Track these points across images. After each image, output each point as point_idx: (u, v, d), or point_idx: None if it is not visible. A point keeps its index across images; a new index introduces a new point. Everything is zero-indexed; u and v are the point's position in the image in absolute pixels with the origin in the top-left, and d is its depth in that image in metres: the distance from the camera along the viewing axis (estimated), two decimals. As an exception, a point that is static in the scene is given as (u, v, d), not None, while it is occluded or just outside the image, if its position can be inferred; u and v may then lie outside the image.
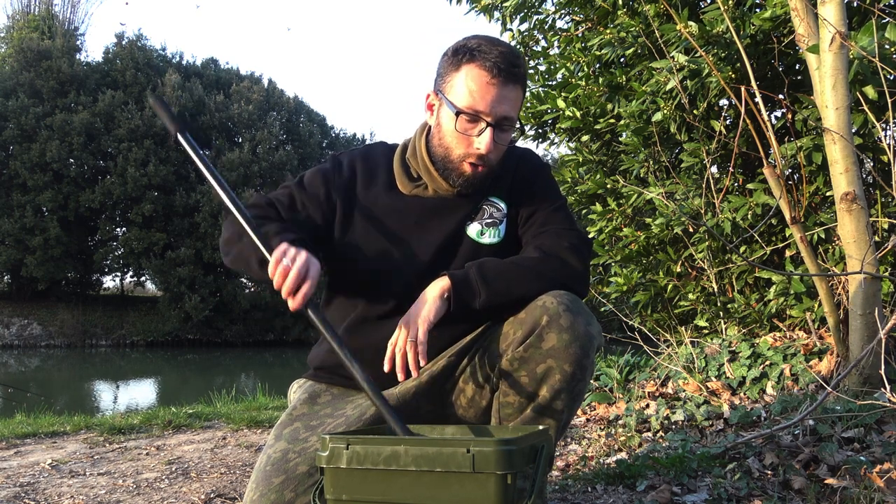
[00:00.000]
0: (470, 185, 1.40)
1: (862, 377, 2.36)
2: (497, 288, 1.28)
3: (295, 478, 1.28)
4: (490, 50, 1.33)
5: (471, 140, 1.35)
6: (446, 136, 1.38)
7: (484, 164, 1.37)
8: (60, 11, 28.64)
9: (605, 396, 3.07)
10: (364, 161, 1.50)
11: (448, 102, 1.35)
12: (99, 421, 3.45)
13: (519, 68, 1.35)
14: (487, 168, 1.39)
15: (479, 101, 1.32)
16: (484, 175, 1.40)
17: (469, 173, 1.38)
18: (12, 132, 22.59)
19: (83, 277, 25.41)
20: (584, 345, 1.23)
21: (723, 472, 1.84)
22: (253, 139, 25.03)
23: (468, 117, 1.33)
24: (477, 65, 1.32)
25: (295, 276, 1.19)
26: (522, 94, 1.40)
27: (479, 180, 1.40)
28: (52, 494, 2.07)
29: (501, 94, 1.32)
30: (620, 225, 3.74)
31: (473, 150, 1.35)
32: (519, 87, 1.37)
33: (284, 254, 1.21)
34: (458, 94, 1.34)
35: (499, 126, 1.35)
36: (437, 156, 1.41)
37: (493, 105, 1.32)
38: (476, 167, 1.38)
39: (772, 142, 2.56)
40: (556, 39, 4.07)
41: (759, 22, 2.79)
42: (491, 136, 1.33)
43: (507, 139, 1.39)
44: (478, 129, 1.34)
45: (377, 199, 1.45)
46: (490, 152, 1.35)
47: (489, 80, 1.32)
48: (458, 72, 1.34)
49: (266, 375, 13.35)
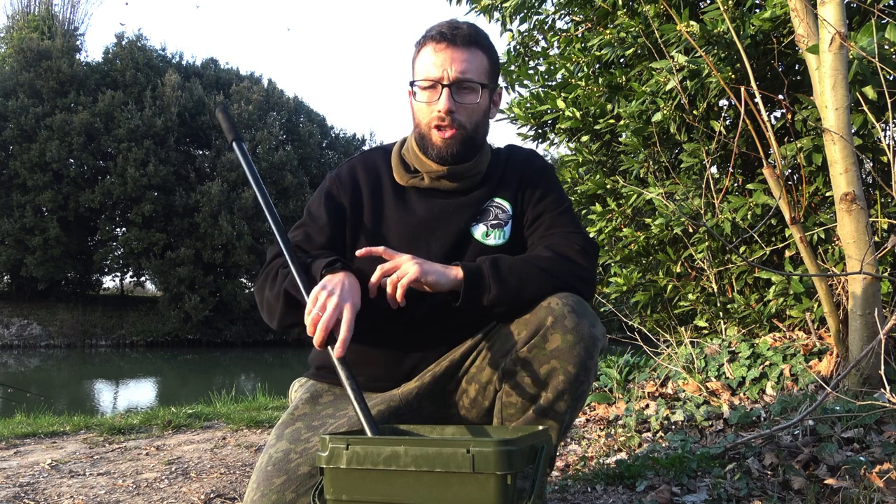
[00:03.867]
0: (445, 153, 1.41)
1: (861, 377, 2.36)
2: (509, 285, 1.27)
3: (296, 478, 1.28)
4: (436, 26, 1.42)
5: (433, 108, 1.39)
6: (417, 113, 1.43)
7: (450, 126, 1.39)
8: (60, 11, 28.68)
9: (605, 397, 3.07)
10: (364, 168, 1.51)
11: (413, 86, 1.42)
12: (99, 421, 3.45)
13: (462, 29, 1.39)
14: (459, 132, 1.40)
15: (431, 67, 1.38)
16: (458, 141, 1.40)
17: (439, 141, 1.40)
18: (12, 132, 22.59)
19: (83, 277, 25.42)
20: (588, 346, 1.23)
21: (722, 472, 1.84)
22: (253, 139, 25.04)
23: (425, 86, 1.39)
24: (426, 41, 1.41)
25: (326, 325, 1.18)
26: (484, 57, 1.42)
27: (454, 146, 1.40)
28: (52, 494, 2.07)
29: (451, 56, 1.38)
30: (620, 225, 3.74)
31: (435, 115, 1.39)
32: (473, 49, 1.40)
33: (316, 300, 1.21)
34: (417, 72, 1.42)
35: (458, 87, 1.38)
36: (416, 136, 1.45)
37: (444, 67, 1.37)
38: (443, 131, 1.39)
39: (771, 142, 2.56)
40: (555, 40, 4.06)
41: (758, 22, 2.79)
42: (448, 96, 1.37)
43: (472, 100, 1.40)
44: (436, 94, 1.39)
45: (384, 205, 1.46)
46: (451, 112, 1.38)
47: (436, 47, 1.39)
48: (417, 56, 1.43)
49: (266, 375, 13.36)
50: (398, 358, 1.43)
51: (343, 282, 1.24)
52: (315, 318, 1.19)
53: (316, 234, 1.45)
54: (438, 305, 1.39)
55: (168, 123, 24.11)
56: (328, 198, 1.47)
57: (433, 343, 1.42)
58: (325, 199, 1.48)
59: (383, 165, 1.51)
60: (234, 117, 1.51)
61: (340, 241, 1.46)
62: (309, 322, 1.20)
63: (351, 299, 1.21)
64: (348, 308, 1.20)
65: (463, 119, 1.39)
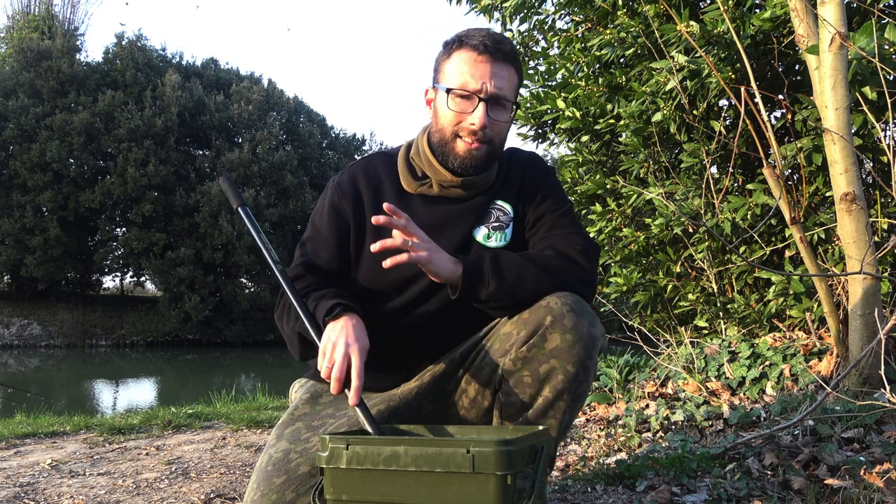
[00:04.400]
0: (468, 165, 1.40)
1: (861, 377, 2.36)
2: (507, 281, 1.27)
3: (296, 478, 1.28)
4: (476, 33, 1.38)
5: (464, 117, 1.37)
6: (441, 118, 1.40)
7: (480, 140, 1.38)
8: (60, 11, 28.68)
9: (605, 397, 3.07)
10: (365, 174, 1.49)
11: (442, 89, 1.39)
12: (99, 421, 3.45)
13: (505, 45, 1.38)
14: (486, 146, 1.39)
15: (469, 78, 1.36)
16: (483, 155, 1.39)
17: (464, 151, 1.39)
18: (12, 132, 22.59)
19: (83, 277, 25.42)
20: (587, 346, 1.24)
21: (722, 472, 1.84)
22: (253, 139, 25.03)
23: (461, 95, 1.37)
24: (465, 48, 1.38)
25: (338, 375, 1.20)
26: (516, 76, 1.42)
27: (478, 160, 1.40)
28: (52, 494, 2.07)
29: (491, 71, 1.36)
30: (620, 225, 3.74)
31: (467, 126, 1.37)
32: (510, 66, 1.39)
33: (324, 354, 1.23)
34: (450, 77, 1.38)
35: (493, 102, 1.37)
36: (435, 143, 1.42)
37: (484, 81, 1.36)
38: (471, 144, 1.38)
39: (771, 142, 2.56)
40: (555, 40, 4.06)
41: (758, 22, 2.79)
42: (484, 111, 1.35)
43: (504, 118, 1.40)
44: (471, 105, 1.37)
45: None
46: (485, 128, 1.36)
47: (477, 58, 1.36)
48: (449, 59, 1.40)
49: (266, 375, 13.36)
50: (398, 357, 1.43)
51: (345, 328, 1.25)
52: (327, 372, 1.21)
53: (322, 248, 1.46)
54: (438, 305, 1.40)
55: (168, 123, 24.11)
56: (331, 209, 1.47)
57: (433, 343, 1.42)
58: (327, 211, 1.47)
59: (385, 171, 1.49)
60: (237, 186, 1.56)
61: (345, 253, 1.46)
62: (323, 374, 1.22)
63: (357, 343, 1.23)
64: (355, 354, 1.21)
65: (492, 135, 1.39)
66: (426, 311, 1.40)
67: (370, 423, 1.19)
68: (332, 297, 1.32)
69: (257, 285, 25.49)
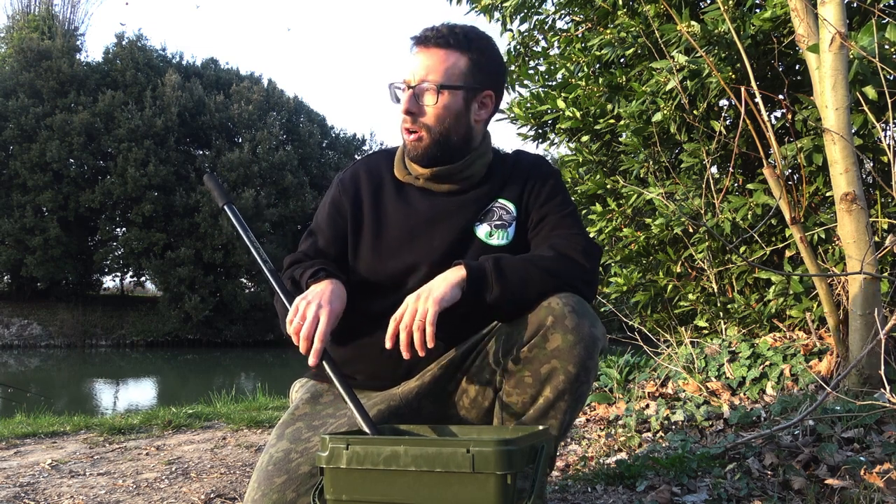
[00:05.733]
0: (413, 156, 1.42)
1: (862, 377, 2.36)
2: (511, 285, 1.27)
3: (297, 478, 1.28)
4: (426, 28, 1.41)
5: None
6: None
7: (409, 129, 1.40)
8: (60, 11, 28.68)
9: (605, 397, 3.07)
10: (367, 170, 1.52)
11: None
12: (99, 421, 3.45)
13: (441, 31, 1.39)
14: (425, 134, 1.39)
15: (407, 72, 1.40)
16: (426, 144, 1.40)
17: (409, 144, 1.42)
18: (12, 132, 22.59)
19: (83, 277, 25.41)
20: (588, 346, 1.23)
21: (723, 472, 1.84)
22: (253, 139, 25.03)
23: (402, 88, 1.40)
24: (412, 44, 1.41)
25: (306, 334, 1.21)
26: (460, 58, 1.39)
27: (422, 149, 1.41)
28: (52, 494, 2.07)
29: (418, 59, 1.39)
30: (620, 225, 3.74)
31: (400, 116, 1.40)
32: (442, 49, 1.38)
33: (297, 310, 1.24)
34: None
35: (420, 89, 1.38)
36: None
37: (414, 70, 1.38)
38: (409, 135, 1.40)
39: (772, 142, 2.56)
40: (556, 40, 4.06)
41: (759, 22, 2.79)
42: (408, 97, 1.37)
43: (431, 102, 1.38)
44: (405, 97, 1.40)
45: (385, 202, 1.47)
46: (411, 114, 1.38)
47: (414, 51, 1.40)
48: None
49: (266, 375, 13.36)
50: (398, 357, 1.43)
51: (325, 290, 1.27)
52: (297, 327, 1.22)
53: (322, 241, 1.49)
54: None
55: (168, 123, 24.11)
56: (331, 205, 1.51)
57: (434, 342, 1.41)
58: (329, 206, 1.51)
59: (386, 167, 1.52)
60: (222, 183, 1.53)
61: (343, 247, 1.48)
62: (291, 332, 1.23)
63: (329, 306, 1.24)
64: (324, 315, 1.22)
65: (427, 122, 1.39)
66: None
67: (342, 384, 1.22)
68: (318, 265, 1.36)
69: (257, 285, 25.48)
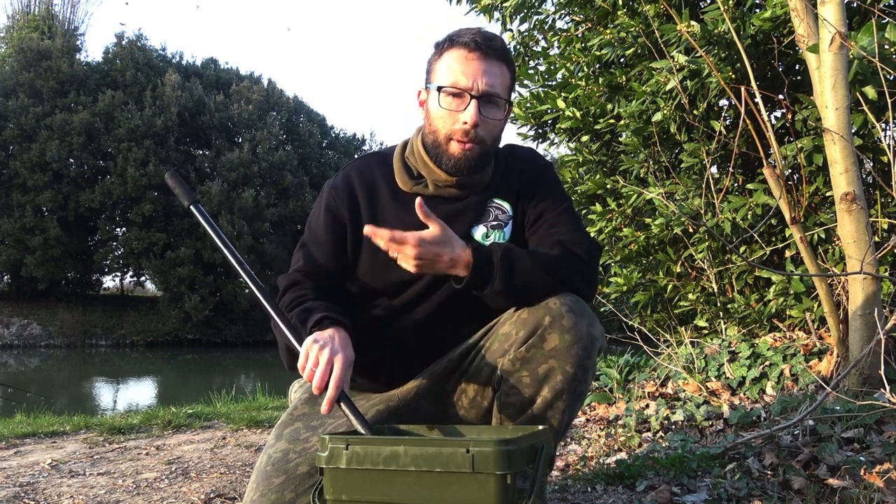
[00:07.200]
0: (462, 166, 1.38)
1: (862, 377, 2.36)
2: (514, 281, 1.26)
3: (295, 478, 1.28)
4: (466, 32, 1.37)
5: (457, 117, 1.35)
6: (434, 119, 1.38)
7: (472, 140, 1.36)
8: (60, 11, 28.65)
9: (605, 396, 3.07)
10: (360, 175, 1.48)
11: (434, 88, 1.38)
12: (99, 421, 3.45)
13: (496, 42, 1.37)
14: (479, 146, 1.37)
15: (460, 75, 1.34)
16: (476, 155, 1.37)
17: (458, 153, 1.37)
18: (12, 132, 22.58)
19: (83, 277, 25.40)
20: (586, 346, 1.23)
21: (722, 472, 1.84)
22: (253, 139, 25.01)
23: (452, 93, 1.35)
24: (456, 46, 1.37)
25: (319, 383, 1.18)
26: (509, 73, 1.40)
27: (472, 161, 1.37)
28: (52, 494, 2.07)
29: (482, 68, 1.35)
30: (620, 225, 3.74)
31: (460, 126, 1.35)
32: (501, 64, 1.37)
33: (307, 355, 1.21)
34: (441, 76, 1.37)
35: (485, 100, 1.35)
36: (429, 143, 1.41)
37: (475, 78, 1.34)
38: (464, 144, 1.36)
39: (772, 142, 2.56)
40: (556, 40, 4.06)
41: (759, 22, 2.79)
42: (476, 108, 1.33)
43: (498, 116, 1.38)
44: (462, 104, 1.35)
45: (382, 210, 1.43)
46: (477, 126, 1.34)
47: (468, 56, 1.35)
48: (440, 59, 1.39)
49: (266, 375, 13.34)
50: (397, 357, 1.43)
51: (334, 335, 1.24)
52: (310, 373, 1.20)
53: (317, 252, 1.45)
54: (438, 305, 1.39)
55: (168, 123, 24.09)
56: (326, 212, 1.46)
57: (432, 343, 1.41)
58: (323, 214, 1.46)
59: (379, 171, 1.48)
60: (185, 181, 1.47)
61: (343, 255, 1.44)
62: (305, 376, 1.21)
63: (342, 353, 1.21)
64: (339, 362, 1.20)
65: (484, 134, 1.37)
66: (426, 311, 1.40)
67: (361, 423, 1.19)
68: (322, 311, 1.31)
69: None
